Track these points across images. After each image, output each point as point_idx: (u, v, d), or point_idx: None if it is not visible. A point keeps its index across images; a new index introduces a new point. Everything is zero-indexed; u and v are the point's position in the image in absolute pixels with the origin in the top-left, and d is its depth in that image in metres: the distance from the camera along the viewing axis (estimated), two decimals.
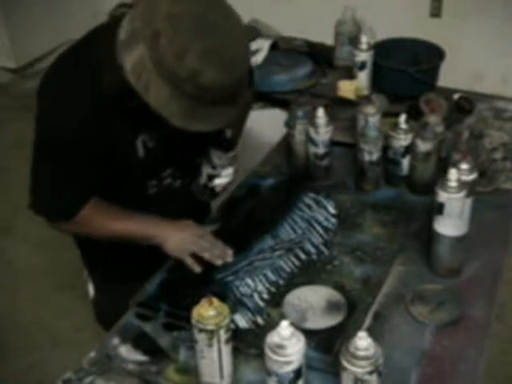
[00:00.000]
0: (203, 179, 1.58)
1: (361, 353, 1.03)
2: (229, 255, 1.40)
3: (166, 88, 1.15)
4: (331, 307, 1.32)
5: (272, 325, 1.14)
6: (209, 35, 1.14)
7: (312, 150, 1.67)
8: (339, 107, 1.96)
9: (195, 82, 1.14)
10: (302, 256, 1.46)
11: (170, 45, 1.12)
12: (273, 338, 1.06)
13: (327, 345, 1.22)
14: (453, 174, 1.35)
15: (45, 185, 1.38)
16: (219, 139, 1.51)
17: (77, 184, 1.38)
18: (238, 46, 1.20)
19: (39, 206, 1.41)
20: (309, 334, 1.17)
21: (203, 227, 1.48)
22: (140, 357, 1.25)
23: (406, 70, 1.95)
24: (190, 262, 1.40)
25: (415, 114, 1.73)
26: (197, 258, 1.40)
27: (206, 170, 1.57)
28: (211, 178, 1.58)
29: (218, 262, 1.39)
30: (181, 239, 1.41)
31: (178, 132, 1.20)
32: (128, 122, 1.33)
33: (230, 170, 1.58)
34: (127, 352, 1.27)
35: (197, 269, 1.39)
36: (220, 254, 1.40)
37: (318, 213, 1.56)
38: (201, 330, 1.10)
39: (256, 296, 1.35)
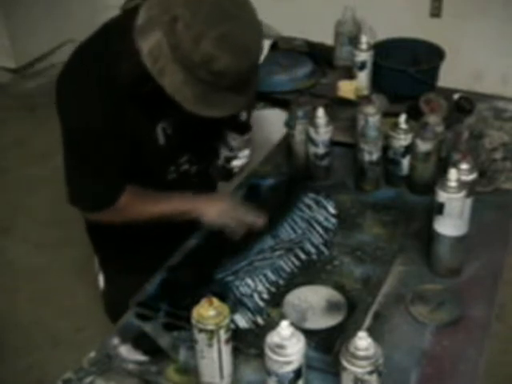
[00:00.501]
0: (221, 161, 1.63)
1: (361, 353, 1.03)
2: (261, 221, 1.45)
3: (181, 73, 1.18)
4: (331, 307, 1.32)
5: (272, 325, 1.14)
6: (225, 22, 1.17)
7: (312, 150, 1.68)
8: (339, 107, 1.96)
9: (209, 68, 1.16)
10: (302, 256, 1.46)
11: (187, 29, 1.15)
12: (273, 338, 1.06)
13: (327, 345, 1.21)
14: (453, 174, 1.35)
15: (80, 180, 1.43)
16: (235, 122, 1.53)
17: (109, 174, 1.42)
18: (252, 34, 1.22)
19: (79, 199, 1.46)
20: (309, 333, 1.17)
21: (232, 197, 1.55)
22: (140, 357, 1.25)
23: (406, 70, 1.95)
24: (231, 228, 1.45)
25: (415, 114, 1.73)
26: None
27: (224, 153, 1.62)
28: (228, 159, 1.62)
29: (256, 227, 1.45)
30: (217, 209, 1.47)
31: (194, 117, 1.23)
32: (145, 111, 1.36)
33: (246, 152, 1.63)
34: (127, 352, 1.27)
35: (237, 236, 1.44)
36: (254, 220, 1.45)
37: (318, 213, 1.56)
38: (201, 330, 1.10)
39: (256, 296, 1.35)
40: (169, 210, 1.48)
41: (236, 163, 1.63)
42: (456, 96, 1.91)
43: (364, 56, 1.98)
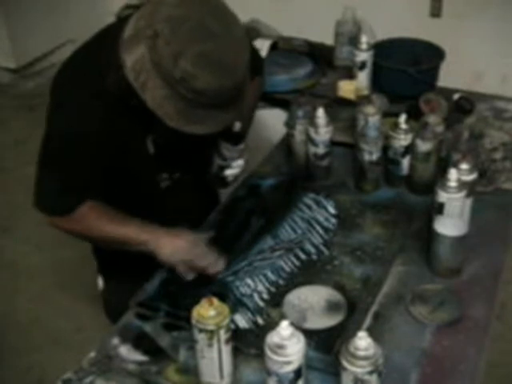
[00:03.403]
0: (214, 170, 1.61)
1: (361, 353, 1.03)
2: (220, 265, 1.38)
3: (162, 88, 1.17)
4: (331, 307, 1.32)
5: (272, 325, 1.14)
6: (205, 40, 1.16)
7: (312, 150, 1.67)
8: (339, 107, 1.96)
9: (188, 85, 1.16)
10: (302, 256, 1.46)
11: (167, 46, 1.14)
12: (273, 338, 1.06)
13: (327, 345, 1.21)
14: (453, 174, 1.35)
15: (45, 182, 1.41)
16: (228, 133, 1.52)
17: (74, 183, 1.39)
18: (234, 53, 1.20)
19: (39, 200, 1.43)
20: (309, 333, 1.18)
21: (198, 235, 1.44)
22: (140, 357, 1.25)
23: (406, 70, 1.96)
24: (182, 269, 1.37)
25: (415, 114, 1.73)
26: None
27: (217, 161, 1.60)
28: (222, 168, 1.61)
29: (210, 272, 1.37)
30: (174, 247, 1.38)
31: (181, 132, 1.22)
32: (135, 122, 1.35)
33: (240, 162, 1.61)
34: (127, 352, 1.27)
35: (189, 277, 1.37)
36: (212, 263, 1.37)
37: (318, 213, 1.56)
38: (201, 330, 1.11)
39: (256, 296, 1.35)
40: (124, 233, 1.40)
41: (229, 172, 1.61)
42: (456, 96, 1.91)
43: (364, 56, 1.98)
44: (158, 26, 1.14)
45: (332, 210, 1.57)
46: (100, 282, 1.76)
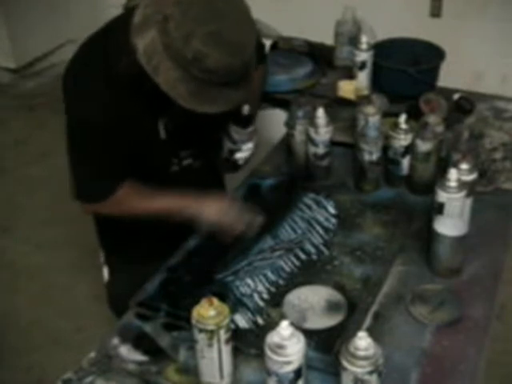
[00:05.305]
0: (225, 154, 1.63)
1: (361, 353, 1.03)
2: (258, 222, 1.46)
3: (175, 70, 1.20)
4: (331, 307, 1.32)
5: (272, 325, 1.14)
6: (215, 20, 1.19)
7: (312, 150, 1.68)
8: (339, 107, 1.96)
9: (200, 65, 1.19)
10: (302, 256, 1.46)
11: (177, 29, 1.17)
12: (273, 338, 1.06)
13: (327, 345, 1.21)
14: (453, 174, 1.35)
15: (79, 171, 1.47)
16: (237, 116, 1.55)
17: (108, 167, 1.44)
18: (243, 31, 1.24)
19: (79, 192, 1.48)
20: (309, 333, 1.18)
21: (233, 197, 1.55)
22: (140, 357, 1.25)
23: (406, 70, 1.95)
24: (224, 230, 1.44)
25: (415, 114, 1.73)
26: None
27: (227, 145, 1.62)
28: (232, 152, 1.62)
29: (248, 233, 1.45)
30: (216, 208, 1.46)
31: (194, 112, 1.24)
32: (147, 106, 1.39)
33: (250, 145, 1.63)
34: (127, 352, 1.27)
35: (228, 241, 1.44)
36: (250, 221, 1.46)
37: (318, 213, 1.56)
38: (201, 330, 1.11)
39: (256, 296, 1.35)
40: (167, 205, 1.48)
41: (239, 156, 1.63)
42: (456, 96, 1.91)
43: (364, 56, 1.98)
44: (168, 10, 1.18)
45: (332, 210, 1.57)
46: (105, 274, 1.77)
